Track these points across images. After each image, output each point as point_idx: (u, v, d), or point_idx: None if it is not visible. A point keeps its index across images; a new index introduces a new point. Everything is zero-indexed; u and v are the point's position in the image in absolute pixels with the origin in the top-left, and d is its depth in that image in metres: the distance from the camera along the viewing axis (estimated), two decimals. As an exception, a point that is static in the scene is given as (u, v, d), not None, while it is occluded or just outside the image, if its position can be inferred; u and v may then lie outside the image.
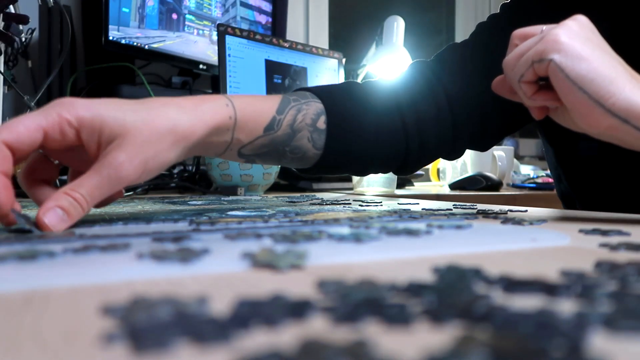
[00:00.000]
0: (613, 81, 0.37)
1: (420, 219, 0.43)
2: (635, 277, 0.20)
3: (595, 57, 0.37)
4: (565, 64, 0.37)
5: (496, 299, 0.17)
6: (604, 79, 0.37)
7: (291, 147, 0.51)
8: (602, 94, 0.37)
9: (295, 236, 0.30)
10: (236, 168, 0.86)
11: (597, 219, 0.45)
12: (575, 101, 0.38)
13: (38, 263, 0.23)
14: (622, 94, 0.36)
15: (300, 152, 0.52)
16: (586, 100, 0.37)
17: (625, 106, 0.36)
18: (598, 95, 0.37)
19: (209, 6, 1.26)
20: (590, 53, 0.38)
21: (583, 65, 0.37)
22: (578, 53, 0.37)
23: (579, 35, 0.38)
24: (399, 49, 1.42)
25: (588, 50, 0.38)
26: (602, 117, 0.37)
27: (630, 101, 0.36)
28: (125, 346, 0.13)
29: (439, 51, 0.63)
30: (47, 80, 0.76)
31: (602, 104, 0.37)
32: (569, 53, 0.37)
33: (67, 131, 0.35)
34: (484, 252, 0.27)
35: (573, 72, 0.37)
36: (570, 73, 0.37)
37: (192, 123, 0.40)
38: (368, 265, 0.24)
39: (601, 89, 0.37)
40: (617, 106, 0.37)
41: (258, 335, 0.14)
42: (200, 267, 0.23)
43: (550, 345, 0.13)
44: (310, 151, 0.52)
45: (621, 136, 0.38)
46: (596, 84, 0.37)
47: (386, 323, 0.15)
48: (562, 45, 0.38)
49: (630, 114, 0.36)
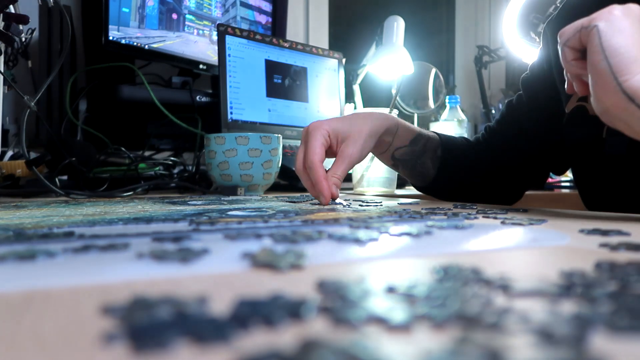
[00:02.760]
0: (635, 62, 0.39)
1: (420, 219, 0.43)
2: (635, 277, 0.20)
3: (634, 37, 0.40)
4: (605, 33, 0.40)
5: (496, 299, 0.17)
6: (629, 57, 0.39)
7: (421, 161, 0.72)
8: (620, 69, 0.39)
9: (295, 236, 0.30)
10: (236, 168, 0.86)
11: (597, 219, 0.45)
12: (597, 70, 0.40)
13: (38, 263, 0.23)
14: (636, 76, 0.38)
15: (424, 168, 0.72)
16: (606, 71, 0.40)
17: (634, 86, 0.38)
18: (617, 68, 0.39)
19: (209, 6, 1.26)
20: (632, 32, 0.40)
21: (619, 39, 0.40)
22: (621, 27, 0.40)
23: (632, 14, 0.41)
24: (399, 49, 1.42)
25: (631, 29, 0.40)
26: (613, 91, 0.39)
27: None
28: (125, 346, 0.13)
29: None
30: (47, 80, 0.75)
31: (617, 79, 0.39)
32: (614, 24, 0.40)
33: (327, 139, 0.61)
34: (484, 252, 0.27)
35: (607, 42, 0.40)
36: (604, 41, 0.40)
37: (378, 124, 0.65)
38: (368, 265, 0.24)
39: (622, 64, 0.39)
40: (628, 84, 0.39)
41: (258, 335, 0.14)
42: (200, 267, 0.23)
43: (550, 345, 0.13)
44: (430, 170, 0.73)
45: (625, 116, 0.40)
46: (619, 59, 0.39)
47: (386, 323, 0.15)
48: (612, 16, 0.41)
49: (637, 95, 0.38)
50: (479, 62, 1.83)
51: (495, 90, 2.09)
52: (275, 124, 1.20)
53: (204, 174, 1.04)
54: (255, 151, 0.86)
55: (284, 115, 1.23)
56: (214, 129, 1.07)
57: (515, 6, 1.58)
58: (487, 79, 2.04)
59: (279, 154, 0.91)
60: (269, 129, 1.18)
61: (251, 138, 0.86)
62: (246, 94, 1.15)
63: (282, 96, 1.23)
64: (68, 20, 0.83)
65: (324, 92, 1.32)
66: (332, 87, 1.34)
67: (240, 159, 0.86)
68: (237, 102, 1.13)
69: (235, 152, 0.86)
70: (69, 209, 0.54)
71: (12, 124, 1.08)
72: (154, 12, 1.14)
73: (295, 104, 1.26)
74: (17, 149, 1.00)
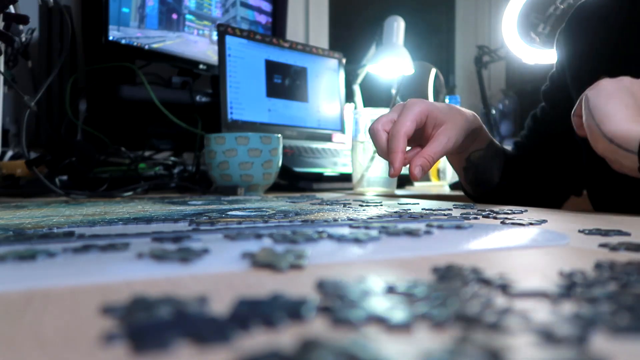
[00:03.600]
0: (615, 113, 0.47)
1: (420, 219, 0.43)
2: (635, 277, 0.20)
3: (617, 97, 0.47)
4: (592, 98, 0.49)
5: (496, 299, 0.17)
6: (607, 110, 0.47)
7: (490, 166, 0.72)
8: (601, 120, 0.47)
9: (295, 236, 0.30)
10: (236, 168, 0.86)
11: (597, 219, 0.45)
12: (588, 126, 0.49)
13: (38, 263, 0.23)
14: (614, 121, 0.46)
15: (491, 175, 0.73)
16: (593, 125, 0.48)
17: (611, 130, 0.46)
18: (599, 120, 0.47)
19: (209, 6, 1.26)
20: (616, 94, 0.48)
21: (602, 99, 0.48)
22: (606, 91, 0.48)
23: (620, 83, 0.49)
24: (399, 49, 1.42)
25: (616, 92, 0.48)
26: (600, 139, 0.47)
27: (617, 126, 0.46)
28: (125, 346, 0.13)
29: None
30: (47, 80, 0.75)
31: (600, 128, 0.47)
32: (600, 91, 0.49)
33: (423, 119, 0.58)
34: (484, 252, 0.27)
35: (593, 103, 0.48)
36: (591, 104, 0.48)
37: (471, 120, 0.63)
38: (368, 265, 0.24)
39: (603, 117, 0.47)
40: (607, 129, 0.46)
41: (258, 335, 0.14)
42: (200, 267, 0.23)
43: (550, 345, 0.13)
44: (495, 177, 0.73)
45: (614, 156, 0.47)
46: (601, 113, 0.47)
47: (385, 323, 0.15)
48: (599, 85, 0.49)
49: (615, 135, 0.46)
50: (479, 62, 1.83)
51: (495, 90, 2.09)
52: (275, 124, 1.20)
53: (204, 174, 1.04)
54: (255, 151, 0.86)
55: (284, 115, 1.23)
56: (214, 129, 1.07)
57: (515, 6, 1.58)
58: (487, 79, 2.04)
59: (279, 154, 0.91)
60: (269, 129, 1.18)
61: (251, 138, 0.86)
62: (246, 94, 1.15)
63: (282, 96, 1.23)
64: (68, 20, 0.83)
65: (324, 92, 1.32)
66: (332, 87, 1.34)
67: (240, 159, 0.86)
68: (237, 102, 1.13)
69: (235, 152, 0.86)
70: (69, 209, 0.54)
71: (12, 124, 1.08)
72: (154, 12, 1.14)
73: (295, 104, 1.26)
74: (17, 149, 1.00)
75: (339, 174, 1.14)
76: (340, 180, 1.14)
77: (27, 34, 0.92)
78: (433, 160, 0.56)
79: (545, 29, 1.49)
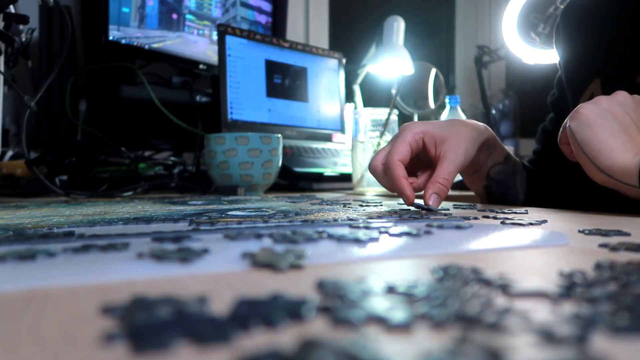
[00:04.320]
0: (606, 146, 0.46)
1: (420, 219, 0.43)
2: (635, 277, 0.20)
3: (602, 127, 0.46)
4: (576, 130, 0.48)
5: (496, 299, 0.17)
6: (598, 144, 0.46)
7: (512, 183, 0.67)
8: (594, 155, 0.46)
9: (295, 236, 0.30)
10: (236, 168, 0.86)
11: (597, 219, 0.45)
12: (580, 159, 0.48)
13: (38, 263, 0.23)
14: (607, 155, 0.46)
15: (516, 191, 0.68)
16: (585, 160, 0.47)
17: (608, 165, 0.46)
18: (591, 155, 0.47)
19: (209, 6, 1.26)
20: (600, 123, 0.47)
21: (588, 132, 0.47)
22: (588, 122, 0.47)
23: (599, 109, 0.47)
24: (399, 49, 1.42)
25: (599, 120, 0.47)
26: (596, 173, 0.47)
27: (613, 161, 0.45)
28: (125, 346, 0.13)
29: None
30: (47, 80, 0.75)
31: (594, 163, 0.46)
32: (582, 121, 0.47)
33: (419, 141, 0.54)
34: (484, 252, 0.27)
35: (579, 137, 0.47)
36: (577, 137, 0.48)
37: (479, 131, 0.57)
38: (368, 265, 0.24)
39: (595, 152, 0.46)
40: (603, 165, 0.46)
41: (258, 335, 0.14)
42: (200, 267, 0.23)
43: (550, 345, 0.13)
44: (520, 194, 0.68)
45: (617, 188, 0.46)
46: (591, 148, 0.47)
47: (386, 323, 0.15)
48: (579, 115, 0.48)
49: (612, 171, 0.45)
50: (479, 62, 1.83)
51: (495, 90, 2.09)
52: (275, 123, 1.20)
53: (204, 174, 1.04)
54: (255, 151, 0.86)
55: (284, 115, 1.23)
56: (214, 129, 1.07)
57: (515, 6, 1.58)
58: (487, 79, 2.04)
59: (279, 154, 0.91)
60: (269, 129, 1.18)
61: (251, 138, 0.86)
62: (246, 94, 1.15)
63: (282, 96, 1.23)
64: (68, 20, 0.83)
65: (324, 92, 1.32)
66: (332, 87, 1.34)
67: (240, 159, 0.86)
68: (237, 102, 1.13)
69: (235, 152, 0.86)
70: (69, 209, 0.54)
71: (12, 124, 1.08)
72: (154, 12, 1.14)
73: (295, 104, 1.26)
74: (17, 149, 1.00)
75: (339, 174, 1.14)
76: (340, 180, 1.14)
77: (27, 34, 0.92)
78: (448, 182, 0.51)
79: (545, 29, 1.49)
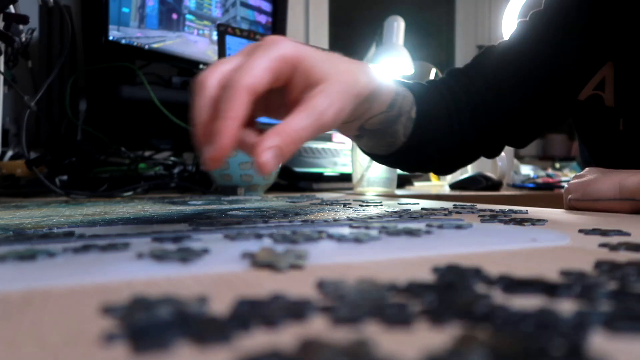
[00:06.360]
0: (617, 176, 0.53)
1: (420, 219, 0.43)
2: (635, 277, 0.20)
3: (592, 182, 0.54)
4: (576, 198, 0.56)
5: (496, 298, 0.17)
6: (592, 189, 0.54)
7: (392, 129, 0.53)
8: (593, 196, 0.54)
9: (295, 236, 0.30)
10: (236, 168, 0.86)
11: (597, 219, 0.45)
12: (585, 207, 0.55)
13: (38, 263, 0.23)
14: (600, 190, 0.53)
15: (394, 137, 0.54)
16: (590, 202, 0.54)
17: (594, 191, 0.53)
18: (591, 197, 0.54)
19: (209, 6, 1.26)
20: (589, 179, 0.55)
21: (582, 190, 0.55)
22: (575, 187, 0.56)
23: (581, 178, 0.57)
24: (399, 49, 1.42)
25: (585, 180, 0.55)
26: (610, 203, 0.52)
27: (598, 187, 0.53)
28: (125, 346, 0.13)
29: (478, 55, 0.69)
30: (47, 80, 0.75)
31: (624, 184, 0.52)
32: (578, 191, 0.56)
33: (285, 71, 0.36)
34: (484, 252, 0.27)
35: (581, 197, 0.55)
36: (580, 199, 0.55)
37: (366, 81, 0.42)
38: (368, 265, 0.24)
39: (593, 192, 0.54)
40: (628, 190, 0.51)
41: (258, 335, 0.14)
42: (200, 267, 0.23)
43: (550, 345, 0.13)
44: (400, 137, 0.55)
45: None
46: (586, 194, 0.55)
47: (386, 323, 0.15)
48: (570, 186, 0.57)
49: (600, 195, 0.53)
50: (479, 62, 1.82)
51: (495, 90, 2.08)
52: (275, 123, 1.20)
53: (204, 174, 1.04)
54: (255, 151, 0.86)
55: (284, 115, 1.23)
56: (214, 129, 1.07)
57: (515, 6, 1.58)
58: (487, 79, 2.03)
59: (279, 154, 0.91)
60: (269, 129, 1.18)
61: (251, 138, 0.86)
62: (246, 94, 1.15)
63: (282, 96, 1.23)
64: (68, 20, 0.83)
65: (324, 92, 1.32)
66: (332, 87, 1.34)
67: (240, 159, 0.86)
68: (237, 102, 1.13)
69: (235, 152, 0.85)
70: (69, 209, 0.54)
71: (12, 124, 1.08)
72: (154, 12, 1.14)
73: (295, 104, 1.26)
74: (17, 149, 1.00)
75: (339, 174, 1.14)
76: (340, 180, 1.14)
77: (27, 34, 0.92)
78: (294, 140, 0.34)
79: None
